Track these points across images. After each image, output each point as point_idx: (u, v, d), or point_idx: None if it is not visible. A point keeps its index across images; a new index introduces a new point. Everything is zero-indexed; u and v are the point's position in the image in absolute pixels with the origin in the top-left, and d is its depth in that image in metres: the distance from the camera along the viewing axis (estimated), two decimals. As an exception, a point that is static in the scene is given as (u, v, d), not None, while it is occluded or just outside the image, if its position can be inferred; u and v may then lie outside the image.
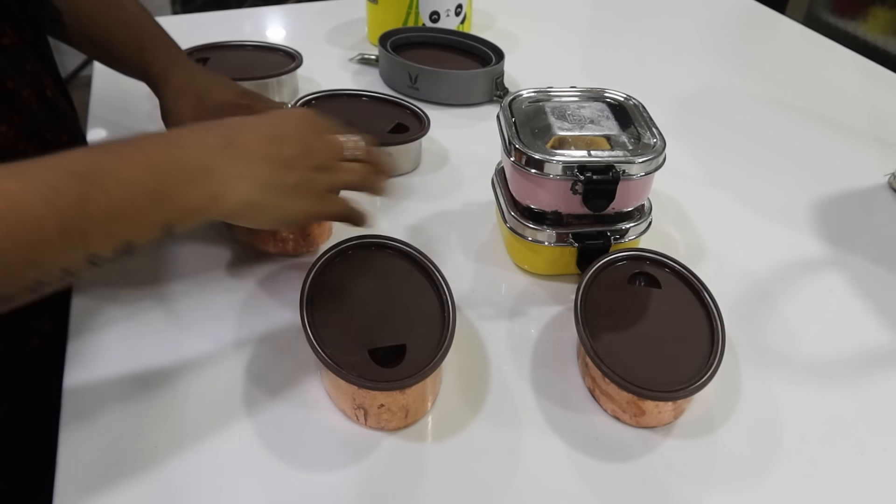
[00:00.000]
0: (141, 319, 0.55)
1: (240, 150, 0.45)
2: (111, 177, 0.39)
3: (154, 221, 0.41)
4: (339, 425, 0.48)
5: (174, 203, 0.42)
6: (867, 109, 0.93)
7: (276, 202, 0.46)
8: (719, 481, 0.46)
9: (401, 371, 0.46)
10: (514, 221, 0.60)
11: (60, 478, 0.44)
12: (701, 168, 0.79)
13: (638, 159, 0.55)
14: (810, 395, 0.52)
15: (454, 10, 1.01)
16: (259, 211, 0.46)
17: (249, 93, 0.67)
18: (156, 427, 0.47)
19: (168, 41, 0.67)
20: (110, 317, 0.55)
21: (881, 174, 0.78)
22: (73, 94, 0.65)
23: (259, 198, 0.45)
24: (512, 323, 0.57)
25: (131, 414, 0.48)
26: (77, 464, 0.45)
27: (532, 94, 0.63)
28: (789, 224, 0.70)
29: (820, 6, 1.79)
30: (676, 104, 0.92)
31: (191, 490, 0.44)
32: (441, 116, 0.83)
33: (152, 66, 0.64)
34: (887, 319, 0.59)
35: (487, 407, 0.50)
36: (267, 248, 0.61)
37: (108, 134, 0.82)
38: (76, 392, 0.49)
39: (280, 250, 0.61)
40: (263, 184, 0.45)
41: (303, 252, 0.62)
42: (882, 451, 0.49)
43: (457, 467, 0.46)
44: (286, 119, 0.50)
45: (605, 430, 0.49)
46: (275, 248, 0.61)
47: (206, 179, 0.43)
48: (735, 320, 0.58)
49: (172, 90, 0.63)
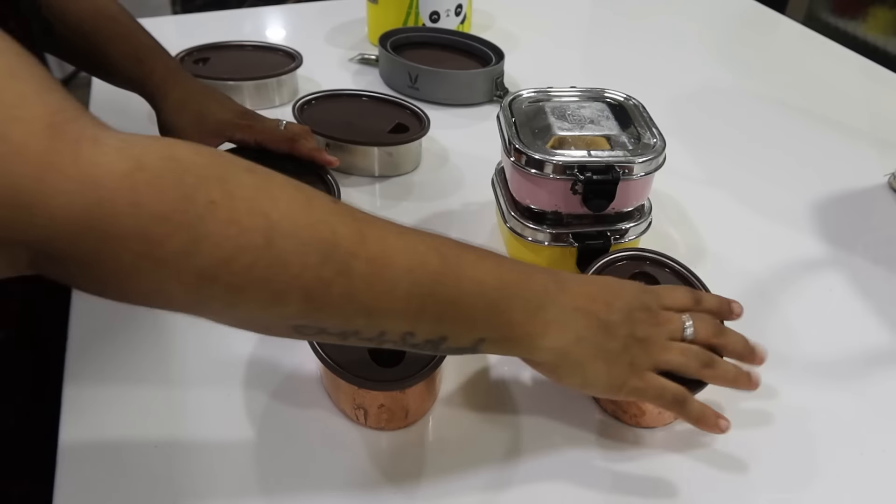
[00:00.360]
0: (141, 320, 0.55)
1: (568, 297, 0.43)
2: (468, 269, 0.39)
3: (474, 331, 0.40)
4: (339, 425, 0.48)
5: (501, 322, 0.40)
6: (867, 109, 0.93)
7: (587, 363, 0.43)
8: (719, 482, 0.46)
9: (401, 371, 0.46)
10: (514, 221, 0.60)
11: (60, 478, 0.44)
12: (701, 168, 0.79)
13: (638, 159, 0.55)
14: (810, 395, 0.52)
15: (454, 10, 1.01)
16: (567, 367, 0.43)
17: (249, 113, 0.67)
18: (156, 427, 0.47)
19: (164, 53, 0.67)
20: (110, 317, 0.55)
21: (881, 174, 0.78)
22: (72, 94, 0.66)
23: (572, 351, 0.42)
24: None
25: (131, 414, 0.48)
26: (77, 464, 0.45)
27: (532, 94, 0.63)
28: (789, 224, 0.70)
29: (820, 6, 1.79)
30: (676, 104, 0.92)
31: (191, 490, 0.44)
32: (441, 116, 0.83)
33: (150, 79, 0.64)
34: (887, 319, 0.59)
35: (487, 407, 0.50)
36: None
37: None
38: (76, 392, 0.49)
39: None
40: (580, 339, 0.42)
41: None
42: (882, 451, 0.49)
43: (457, 467, 0.46)
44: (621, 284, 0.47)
45: (606, 431, 0.49)
46: None
47: (535, 313, 0.41)
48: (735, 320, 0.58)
49: (172, 105, 0.63)
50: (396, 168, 0.75)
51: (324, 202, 0.35)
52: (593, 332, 0.42)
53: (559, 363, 0.42)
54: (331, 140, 0.72)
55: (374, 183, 0.74)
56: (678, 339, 0.45)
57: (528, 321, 0.41)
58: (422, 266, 0.37)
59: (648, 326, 0.44)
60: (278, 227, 0.33)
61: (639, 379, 0.43)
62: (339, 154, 0.71)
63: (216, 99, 0.66)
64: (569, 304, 0.42)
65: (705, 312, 0.48)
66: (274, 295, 0.33)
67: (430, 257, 0.38)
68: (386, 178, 0.74)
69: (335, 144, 0.73)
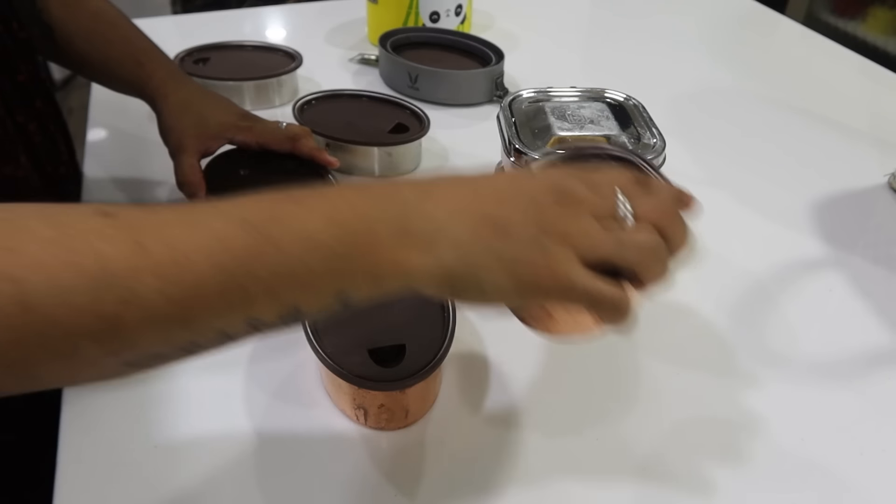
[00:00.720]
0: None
1: (440, 205, 0.34)
2: (287, 229, 0.32)
3: (328, 288, 0.33)
4: (339, 425, 0.48)
5: (353, 271, 0.33)
6: (867, 109, 0.93)
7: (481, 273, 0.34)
8: (720, 482, 0.46)
9: (401, 371, 0.46)
10: (514, 221, 0.60)
11: (60, 478, 0.44)
12: (701, 168, 0.79)
13: (638, 159, 0.55)
14: (810, 395, 0.52)
15: (454, 10, 1.01)
16: (461, 284, 0.34)
17: (249, 115, 0.68)
18: (156, 427, 0.47)
19: (163, 57, 0.67)
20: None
21: (881, 174, 0.78)
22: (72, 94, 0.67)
23: (454, 266, 0.33)
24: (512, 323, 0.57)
25: (131, 414, 0.48)
26: (77, 464, 0.45)
27: (532, 94, 0.63)
28: (789, 224, 0.70)
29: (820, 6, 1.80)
30: (676, 104, 0.92)
31: (191, 490, 0.44)
32: (441, 116, 0.83)
33: (150, 81, 0.64)
34: (887, 319, 0.59)
35: (487, 407, 0.50)
36: None
37: (108, 134, 0.82)
38: (76, 392, 0.49)
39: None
40: (468, 250, 0.33)
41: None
42: (882, 451, 0.49)
43: (457, 467, 0.46)
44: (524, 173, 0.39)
45: (605, 430, 0.49)
46: None
47: (398, 238, 0.33)
48: (735, 320, 0.58)
49: (172, 107, 0.63)
50: (396, 168, 0.75)
51: (82, 224, 0.30)
52: (480, 236, 0.34)
53: (448, 284, 0.34)
54: (331, 140, 0.72)
55: (374, 183, 0.74)
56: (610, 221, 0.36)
57: (390, 250, 0.33)
58: (225, 249, 0.31)
59: (566, 214, 0.35)
60: (28, 285, 0.27)
61: (561, 281, 0.34)
62: (339, 154, 0.71)
63: (216, 101, 0.67)
64: (439, 211, 0.34)
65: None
66: (61, 355, 0.29)
67: (233, 233, 0.31)
68: (386, 178, 0.74)
69: (335, 144, 0.73)
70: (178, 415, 0.48)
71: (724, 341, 0.56)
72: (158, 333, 0.31)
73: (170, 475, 0.44)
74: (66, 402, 0.48)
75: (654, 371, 0.53)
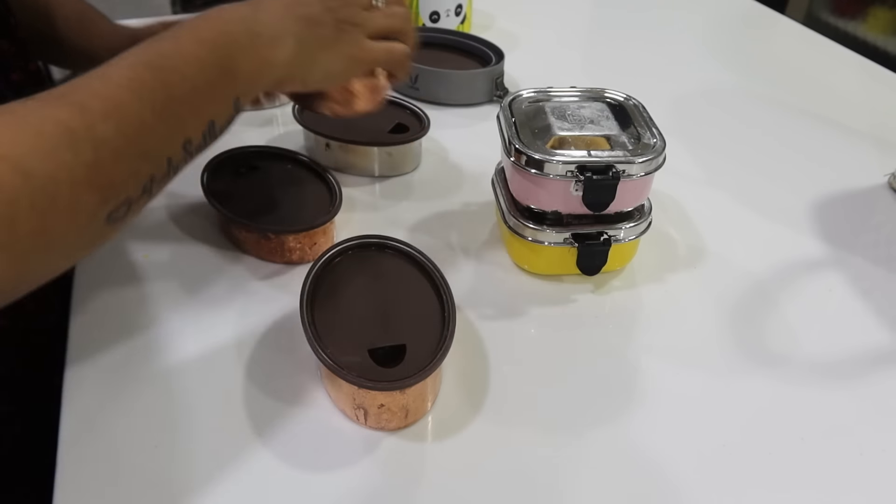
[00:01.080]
0: (141, 320, 0.55)
1: (268, 13, 0.46)
2: (179, 59, 0.40)
3: (226, 95, 0.43)
4: (339, 425, 0.48)
5: (235, 73, 0.43)
6: (867, 109, 0.93)
7: (318, 55, 0.48)
8: (720, 482, 0.46)
9: (401, 371, 0.46)
10: (514, 221, 0.60)
11: (60, 478, 0.44)
12: (701, 168, 0.79)
13: (638, 159, 0.55)
14: (810, 395, 0.52)
15: (454, 10, 1.01)
16: (306, 67, 0.47)
17: None
18: (156, 427, 0.47)
19: None
20: (110, 317, 0.55)
21: (881, 174, 0.78)
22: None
23: (301, 53, 0.46)
24: (512, 323, 0.57)
25: (131, 414, 0.48)
26: (77, 464, 0.45)
27: (532, 94, 0.63)
28: (789, 224, 0.70)
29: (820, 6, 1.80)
30: (676, 104, 0.92)
31: (191, 490, 0.44)
32: (441, 116, 0.83)
33: None
34: (887, 319, 0.59)
35: (487, 407, 0.50)
36: (273, 259, 0.61)
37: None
38: (76, 392, 0.49)
39: (285, 261, 0.61)
40: (300, 39, 0.46)
41: (308, 262, 0.61)
42: (882, 451, 0.49)
43: (457, 467, 0.46)
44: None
45: (604, 429, 0.49)
46: (281, 258, 0.61)
47: (253, 44, 0.44)
48: (735, 320, 0.58)
49: None
50: (396, 168, 0.75)
51: (28, 105, 0.35)
52: (305, 29, 0.47)
53: (298, 71, 0.47)
54: (331, 140, 0.72)
55: (374, 183, 0.74)
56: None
57: (253, 49, 0.44)
58: (144, 87, 0.38)
59: (346, 6, 0.50)
60: (17, 157, 0.32)
61: (362, 50, 0.50)
62: (340, 154, 0.71)
63: None
64: (270, 17, 0.46)
65: None
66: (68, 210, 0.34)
67: (145, 75, 0.38)
68: (386, 178, 0.74)
69: (335, 144, 0.73)
70: (178, 415, 0.48)
71: (724, 341, 0.56)
72: (127, 167, 0.37)
73: (170, 475, 0.44)
74: (66, 402, 0.48)
75: (654, 371, 0.53)
